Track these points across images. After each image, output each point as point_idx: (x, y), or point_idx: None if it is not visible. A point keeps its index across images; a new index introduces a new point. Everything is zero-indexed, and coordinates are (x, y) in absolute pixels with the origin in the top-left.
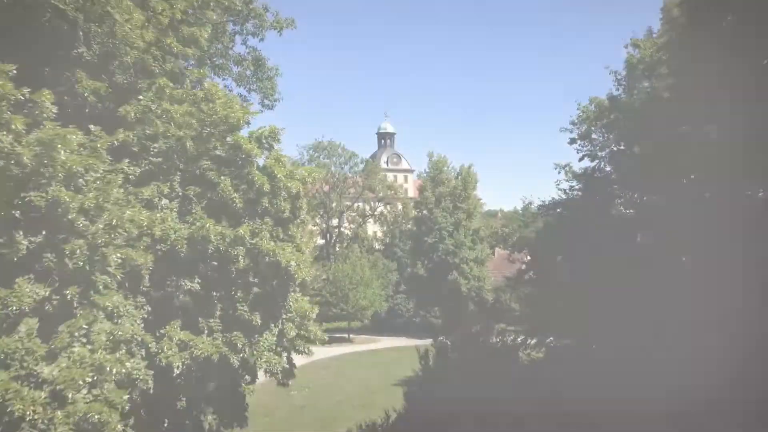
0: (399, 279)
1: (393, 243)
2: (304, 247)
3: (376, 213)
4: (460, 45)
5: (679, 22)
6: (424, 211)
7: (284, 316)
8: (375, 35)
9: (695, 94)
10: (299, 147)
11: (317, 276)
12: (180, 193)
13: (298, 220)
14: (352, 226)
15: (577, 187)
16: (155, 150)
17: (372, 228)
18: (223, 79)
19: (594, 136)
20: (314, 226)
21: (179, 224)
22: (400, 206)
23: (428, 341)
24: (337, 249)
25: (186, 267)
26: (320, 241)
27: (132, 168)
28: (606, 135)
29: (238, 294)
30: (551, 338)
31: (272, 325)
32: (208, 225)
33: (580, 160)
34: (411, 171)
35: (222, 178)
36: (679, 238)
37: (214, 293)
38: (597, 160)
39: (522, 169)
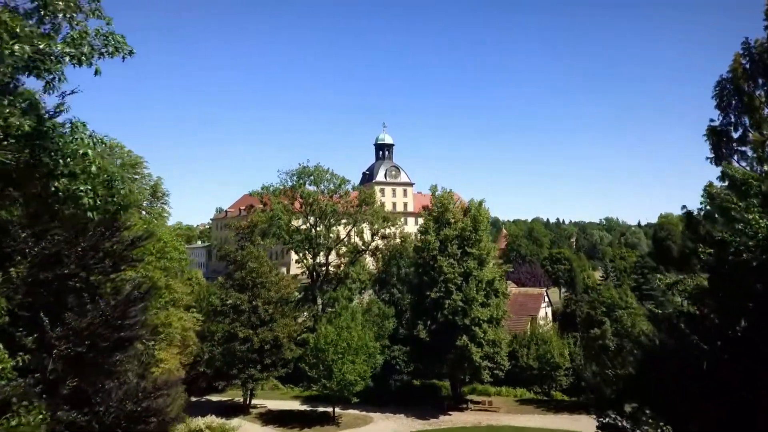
0: (396, 325)
1: (390, 282)
2: None
3: (370, 248)
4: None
5: None
6: (426, 257)
7: None
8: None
9: None
10: (281, 174)
11: (299, 326)
12: None
13: None
14: (342, 261)
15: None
16: None
17: (368, 260)
18: None
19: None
20: (298, 263)
21: None
22: (398, 239)
23: (432, 423)
24: (325, 288)
25: None
26: (305, 281)
27: None
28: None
29: None
30: None
31: None
32: None
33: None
34: (411, 184)
35: None
36: None
37: None
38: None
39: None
